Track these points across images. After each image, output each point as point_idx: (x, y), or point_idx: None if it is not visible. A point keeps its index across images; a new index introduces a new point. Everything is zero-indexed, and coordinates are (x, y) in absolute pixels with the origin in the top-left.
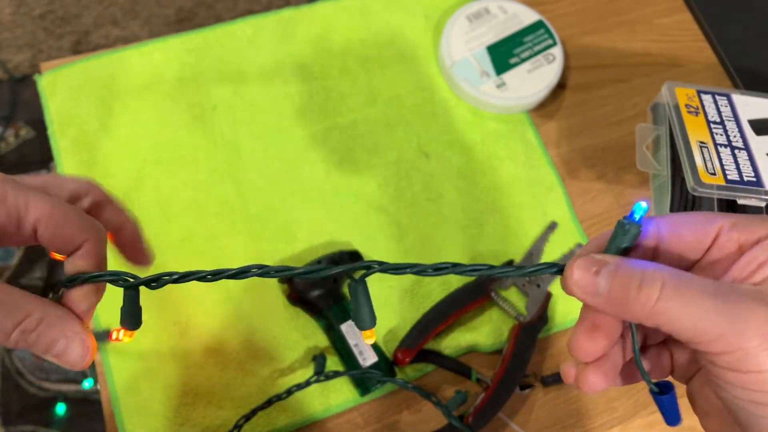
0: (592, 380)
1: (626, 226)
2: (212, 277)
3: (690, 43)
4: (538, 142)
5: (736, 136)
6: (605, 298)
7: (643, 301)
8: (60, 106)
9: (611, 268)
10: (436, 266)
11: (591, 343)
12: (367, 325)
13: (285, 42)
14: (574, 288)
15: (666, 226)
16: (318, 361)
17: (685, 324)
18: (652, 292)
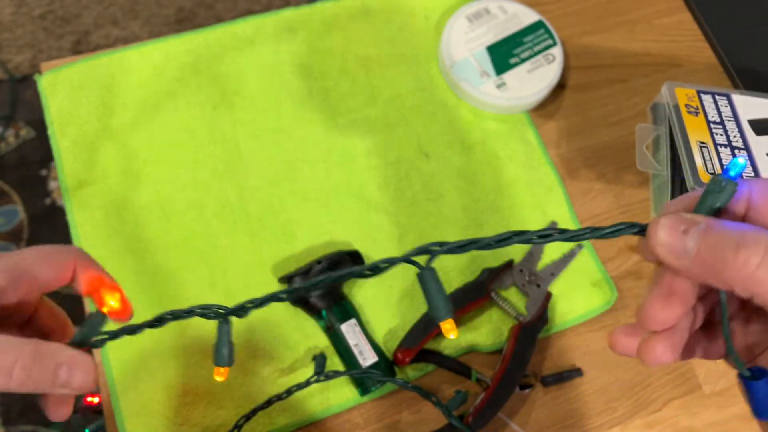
0: (659, 351)
1: (722, 182)
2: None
3: (690, 43)
4: (538, 142)
5: (736, 136)
6: (694, 260)
7: (740, 265)
8: (60, 106)
9: (702, 228)
10: (498, 237)
11: (666, 311)
12: (443, 314)
13: (285, 42)
14: (659, 248)
15: (759, 188)
16: (318, 361)
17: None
18: (752, 256)
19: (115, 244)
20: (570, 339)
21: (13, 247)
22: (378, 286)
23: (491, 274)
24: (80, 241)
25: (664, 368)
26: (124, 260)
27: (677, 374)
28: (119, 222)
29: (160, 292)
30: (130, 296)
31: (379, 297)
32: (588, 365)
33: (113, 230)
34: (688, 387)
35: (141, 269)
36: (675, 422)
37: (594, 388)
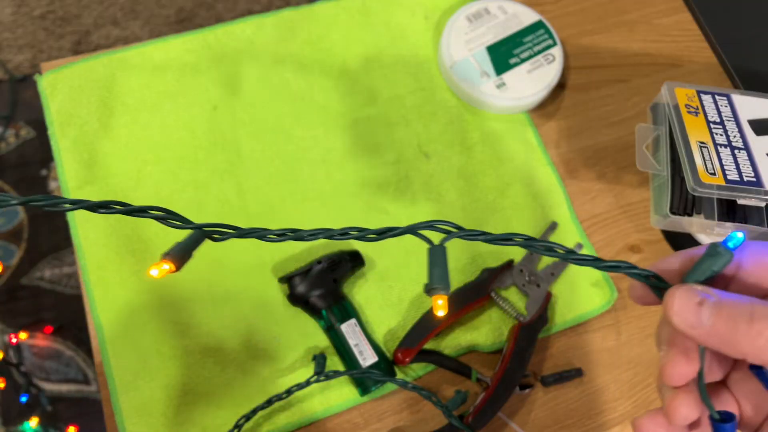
0: (684, 412)
1: (719, 249)
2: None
3: (690, 43)
4: (537, 142)
5: (735, 136)
6: (708, 330)
7: (754, 336)
8: (60, 106)
9: (715, 301)
10: (503, 236)
11: (688, 366)
12: (442, 287)
13: (285, 42)
14: (675, 318)
15: (750, 253)
16: (318, 361)
17: None
18: (765, 328)
19: (116, 244)
20: (570, 339)
21: (13, 247)
22: (378, 286)
23: (491, 274)
24: (80, 241)
25: None
26: (124, 260)
27: None
28: (119, 222)
29: (160, 292)
30: (129, 296)
31: (379, 297)
32: (588, 365)
33: (113, 230)
34: None
35: (141, 269)
36: None
37: (594, 388)
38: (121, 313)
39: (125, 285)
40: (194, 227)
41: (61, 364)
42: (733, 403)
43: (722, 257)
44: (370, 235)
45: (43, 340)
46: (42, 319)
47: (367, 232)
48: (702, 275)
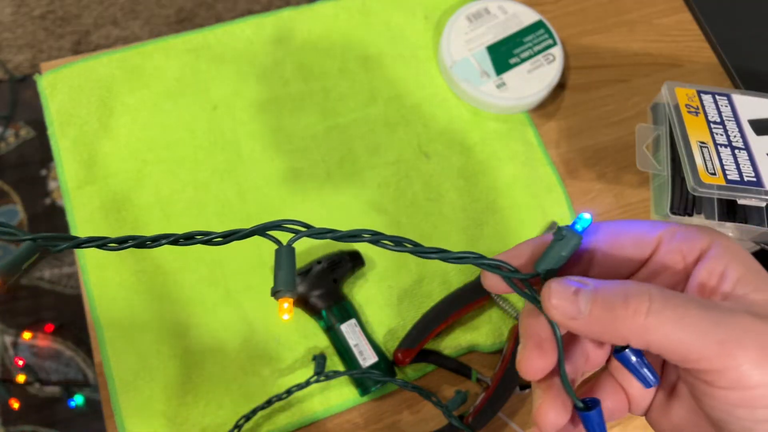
0: (552, 417)
1: (565, 233)
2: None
3: (690, 43)
4: (538, 142)
5: (736, 136)
6: (588, 319)
7: (631, 317)
8: (60, 106)
9: (590, 288)
10: (351, 233)
11: (541, 359)
12: (286, 288)
13: (285, 42)
14: (553, 312)
15: (604, 234)
16: (318, 361)
17: (680, 339)
18: (641, 306)
19: None
20: None
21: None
22: (378, 286)
23: None
24: None
25: None
26: (124, 260)
27: None
28: (119, 222)
29: (160, 292)
30: (130, 296)
31: (379, 297)
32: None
33: (113, 230)
34: None
35: (141, 269)
36: None
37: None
38: (121, 313)
39: (125, 285)
40: (28, 239)
41: (61, 364)
42: (619, 391)
43: (570, 241)
44: (216, 238)
45: (43, 340)
46: (42, 319)
47: (213, 236)
48: (552, 261)
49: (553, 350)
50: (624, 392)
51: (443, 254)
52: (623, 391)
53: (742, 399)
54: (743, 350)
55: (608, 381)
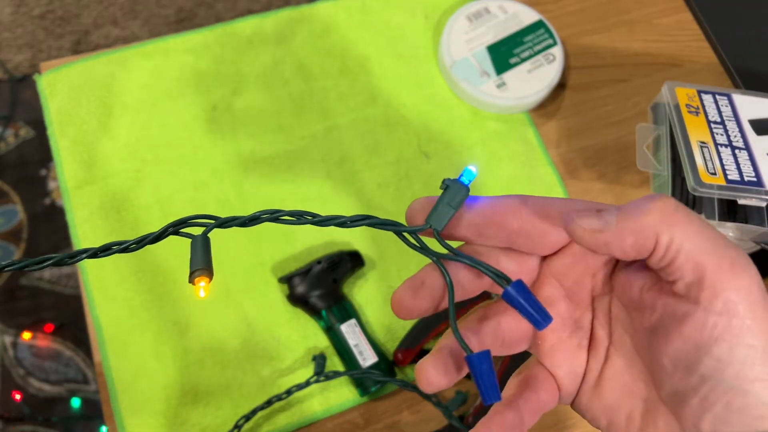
0: (431, 375)
1: (447, 183)
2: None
3: (690, 42)
4: (538, 142)
5: (736, 136)
6: (617, 227)
7: (660, 208)
8: (60, 106)
9: (612, 207)
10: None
11: (414, 300)
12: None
13: (285, 42)
14: (584, 233)
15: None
16: (318, 361)
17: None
18: (667, 201)
19: None
20: None
21: (12, 248)
22: (378, 286)
23: None
24: (80, 241)
25: None
26: (123, 260)
27: None
28: (119, 222)
29: (160, 292)
30: (129, 297)
31: (379, 297)
32: None
33: (113, 230)
34: None
35: (141, 269)
36: None
37: None
38: (121, 313)
39: (125, 285)
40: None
41: (61, 365)
42: (549, 378)
43: (458, 192)
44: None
45: (42, 340)
46: (42, 319)
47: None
48: (442, 213)
49: (429, 297)
50: (554, 379)
51: (338, 220)
52: (553, 378)
53: (725, 329)
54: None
55: (539, 369)
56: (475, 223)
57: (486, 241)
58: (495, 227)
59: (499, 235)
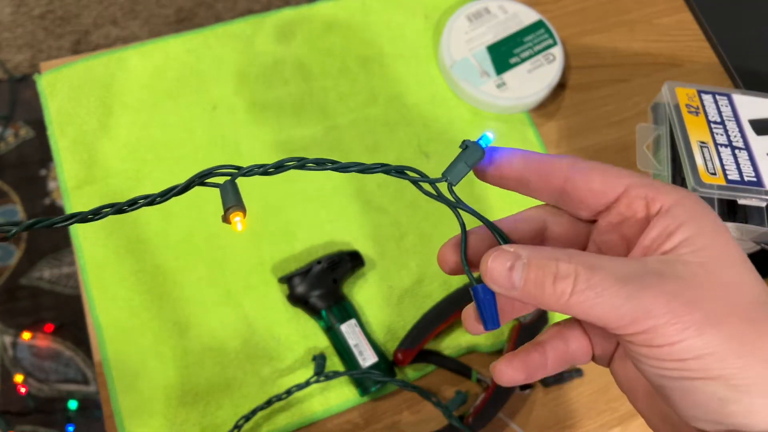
0: (510, 373)
1: (467, 144)
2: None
3: (690, 42)
4: (538, 142)
5: (736, 136)
6: (521, 292)
7: (558, 295)
8: (60, 106)
9: (524, 262)
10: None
11: (455, 255)
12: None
13: (285, 42)
14: (492, 284)
15: (579, 169)
16: (318, 361)
17: (598, 314)
18: (566, 287)
19: (115, 244)
20: None
21: (12, 247)
22: (378, 286)
23: None
24: (80, 241)
25: None
26: (124, 260)
27: None
28: (119, 222)
29: (160, 292)
30: (130, 297)
31: (379, 297)
32: (588, 365)
33: (113, 230)
34: None
35: (141, 269)
36: None
37: (594, 388)
38: (121, 313)
39: (125, 285)
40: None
41: (61, 365)
42: (583, 337)
43: (474, 153)
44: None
45: (42, 340)
46: (41, 319)
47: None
48: (459, 169)
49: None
50: (588, 340)
51: (359, 166)
52: (587, 338)
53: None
54: (651, 319)
55: (575, 326)
56: (523, 175)
57: (532, 194)
58: (543, 181)
59: (545, 189)
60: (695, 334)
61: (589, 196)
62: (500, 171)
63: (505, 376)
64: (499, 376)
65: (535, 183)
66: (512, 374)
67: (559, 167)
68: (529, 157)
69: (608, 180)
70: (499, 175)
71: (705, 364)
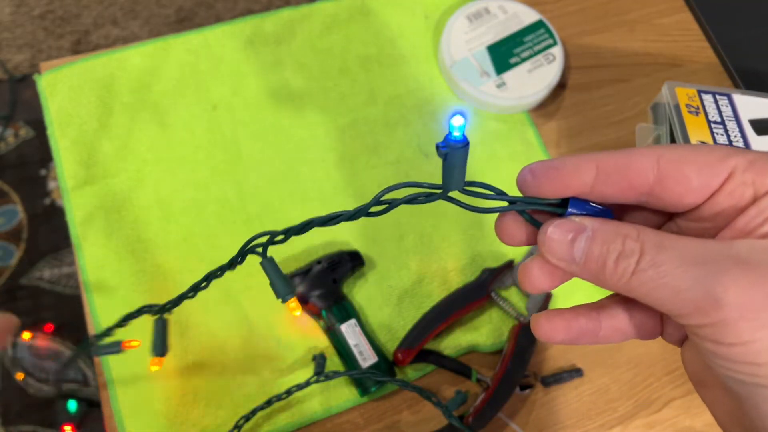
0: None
1: (442, 152)
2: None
3: (690, 42)
4: (538, 142)
5: (736, 136)
6: (581, 267)
7: (620, 275)
8: (60, 106)
9: (588, 235)
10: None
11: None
12: (285, 295)
13: (285, 42)
14: (550, 255)
15: (668, 162)
16: (318, 361)
17: (659, 297)
18: (629, 265)
19: (115, 245)
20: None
21: (12, 247)
22: (378, 286)
23: (491, 274)
24: (79, 241)
25: (664, 368)
26: (124, 260)
27: (678, 374)
28: (119, 222)
29: (160, 291)
30: (130, 296)
31: (379, 297)
32: (588, 365)
33: (113, 230)
34: (689, 387)
35: (141, 269)
36: (675, 422)
37: (594, 388)
38: (121, 313)
39: (125, 285)
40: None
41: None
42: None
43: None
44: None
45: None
46: (41, 319)
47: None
48: (456, 177)
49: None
50: (659, 314)
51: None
52: (658, 312)
53: (728, 353)
54: (721, 311)
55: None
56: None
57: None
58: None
59: (625, 195)
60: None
61: (687, 194)
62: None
63: (542, 330)
64: (536, 328)
65: (611, 191)
66: (549, 330)
67: (641, 167)
68: (604, 162)
69: (707, 170)
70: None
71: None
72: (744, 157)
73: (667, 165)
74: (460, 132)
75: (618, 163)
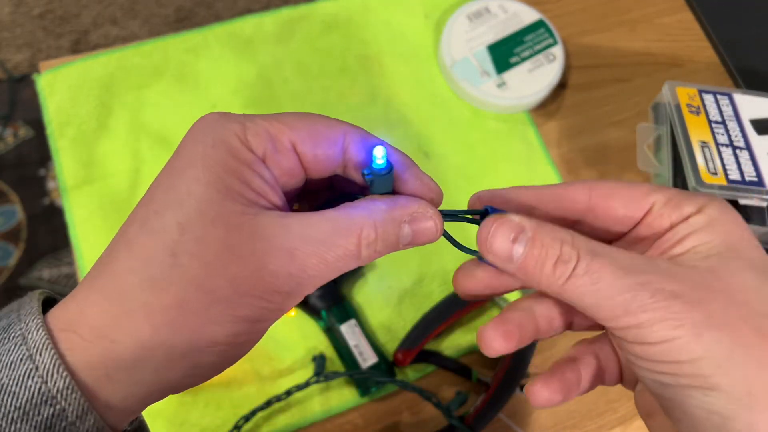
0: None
1: (366, 175)
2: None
3: (691, 42)
4: (538, 141)
5: (737, 136)
6: (517, 267)
7: (556, 278)
8: (59, 106)
9: (528, 236)
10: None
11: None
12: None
13: (285, 41)
14: (488, 254)
15: (598, 195)
16: (318, 362)
17: (591, 302)
18: (566, 270)
19: None
20: (571, 339)
21: (11, 247)
22: (378, 286)
23: None
24: (79, 241)
25: None
26: None
27: None
28: (118, 222)
29: None
30: None
31: (379, 297)
32: None
33: (112, 230)
34: None
35: None
36: None
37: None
38: None
39: None
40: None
41: None
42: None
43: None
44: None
45: None
46: None
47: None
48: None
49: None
50: (617, 359)
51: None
52: (617, 357)
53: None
54: (645, 313)
55: (605, 343)
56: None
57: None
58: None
59: (561, 222)
60: (691, 333)
61: (612, 223)
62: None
63: (541, 398)
64: (535, 398)
65: (551, 219)
66: (549, 396)
67: (574, 197)
68: (541, 192)
69: (631, 204)
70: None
71: (700, 369)
72: (663, 194)
73: (597, 198)
74: (384, 160)
75: (555, 192)
